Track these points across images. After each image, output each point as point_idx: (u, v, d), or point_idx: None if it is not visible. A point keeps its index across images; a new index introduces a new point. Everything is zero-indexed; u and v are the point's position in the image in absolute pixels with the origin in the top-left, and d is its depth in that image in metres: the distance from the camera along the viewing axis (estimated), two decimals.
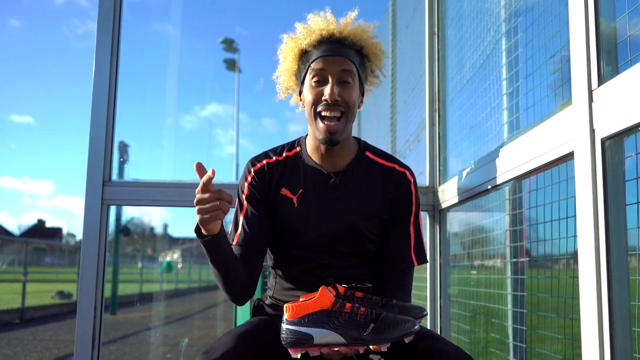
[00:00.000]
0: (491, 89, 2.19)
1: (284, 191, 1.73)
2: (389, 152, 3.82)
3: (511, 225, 2.05)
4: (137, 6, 3.73)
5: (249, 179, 1.75)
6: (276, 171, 1.75)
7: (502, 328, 2.12)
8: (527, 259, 1.95)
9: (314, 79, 1.67)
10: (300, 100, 1.76)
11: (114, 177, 2.40)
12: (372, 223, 1.72)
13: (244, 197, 1.76)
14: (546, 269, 1.84)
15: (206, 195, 1.43)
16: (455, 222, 2.56)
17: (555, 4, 1.66)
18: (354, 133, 1.85)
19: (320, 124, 1.65)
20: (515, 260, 2.03)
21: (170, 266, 18.80)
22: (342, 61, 1.66)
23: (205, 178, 1.43)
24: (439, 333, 2.47)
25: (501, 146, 1.85)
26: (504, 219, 2.12)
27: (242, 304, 1.73)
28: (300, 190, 1.73)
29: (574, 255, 1.59)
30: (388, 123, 4.46)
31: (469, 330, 2.45)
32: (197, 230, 1.51)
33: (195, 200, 1.44)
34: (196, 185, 1.46)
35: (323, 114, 1.65)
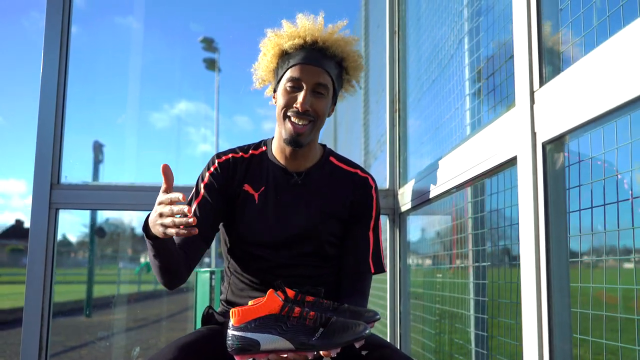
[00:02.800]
0: (454, 90, 2.15)
1: (246, 187, 1.72)
2: (362, 152, 3.80)
3: (473, 229, 2.01)
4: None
5: (212, 169, 1.73)
6: (241, 166, 1.74)
7: (465, 333, 2.08)
8: (489, 263, 1.91)
9: (289, 84, 1.66)
10: (274, 97, 1.75)
11: (89, 179, 2.33)
12: (332, 223, 1.71)
13: (202, 185, 1.72)
14: (506, 274, 1.81)
15: (167, 209, 1.34)
16: (416, 225, 2.52)
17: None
18: (329, 139, 1.86)
19: (288, 125, 1.65)
20: (477, 264, 1.99)
21: (149, 267, 18.49)
22: (319, 73, 1.65)
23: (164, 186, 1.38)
24: (398, 339, 2.43)
25: (453, 150, 1.81)
26: (467, 222, 2.08)
27: (172, 289, 1.67)
28: (262, 187, 1.72)
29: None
30: (361, 123, 4.42)
31: (431, 335, 2.41)
32: (146, 227, 1.43)
33: (158, 211, 1.36)
34: (149, 188, 1.38)
35: (292, 119, 1.65)
